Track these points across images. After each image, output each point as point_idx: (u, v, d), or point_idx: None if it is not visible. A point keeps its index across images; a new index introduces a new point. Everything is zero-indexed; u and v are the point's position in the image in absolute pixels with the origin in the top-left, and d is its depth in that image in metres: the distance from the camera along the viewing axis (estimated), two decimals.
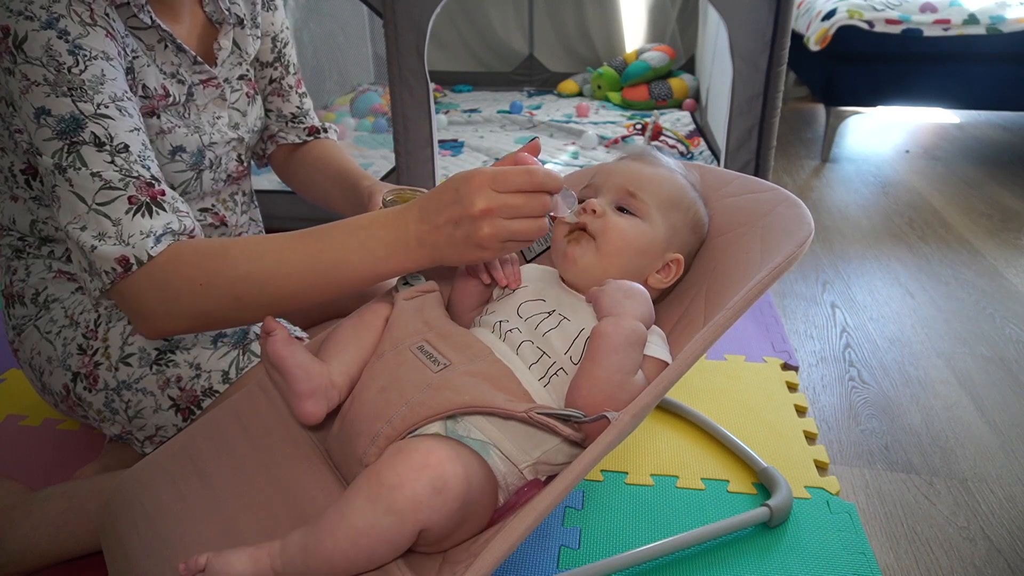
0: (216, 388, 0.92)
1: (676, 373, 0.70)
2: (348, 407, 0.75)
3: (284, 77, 1.13)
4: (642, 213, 0.82)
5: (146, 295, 0.76)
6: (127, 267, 0.75)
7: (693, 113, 3.10)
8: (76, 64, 0.77)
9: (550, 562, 0.93)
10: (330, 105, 3.17)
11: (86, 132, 0.76)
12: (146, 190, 0.77)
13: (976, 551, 0.96)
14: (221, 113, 1.01)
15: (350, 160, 1.15)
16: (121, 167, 0.77)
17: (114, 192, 0.76)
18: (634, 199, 0.83)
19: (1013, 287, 1.71)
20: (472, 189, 0.67)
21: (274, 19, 1.10)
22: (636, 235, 0.82)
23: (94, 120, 0.77)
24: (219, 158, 1.01)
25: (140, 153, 0.79)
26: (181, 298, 0.76)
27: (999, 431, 1.20)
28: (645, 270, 0.83)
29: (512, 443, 0.72)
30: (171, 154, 0.93)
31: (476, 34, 3.81)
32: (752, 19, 1.69)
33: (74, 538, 0.90)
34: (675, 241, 0.84)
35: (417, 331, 0.80)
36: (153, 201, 0.77)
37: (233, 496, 0.78)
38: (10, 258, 1.01)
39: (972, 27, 2.42)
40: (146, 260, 0.75)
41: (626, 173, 0.85)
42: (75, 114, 0.76)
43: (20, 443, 1.19)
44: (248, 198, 1.15)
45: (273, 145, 1.18)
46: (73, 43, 0.77)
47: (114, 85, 0.79)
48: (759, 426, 1.19)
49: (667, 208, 0.83)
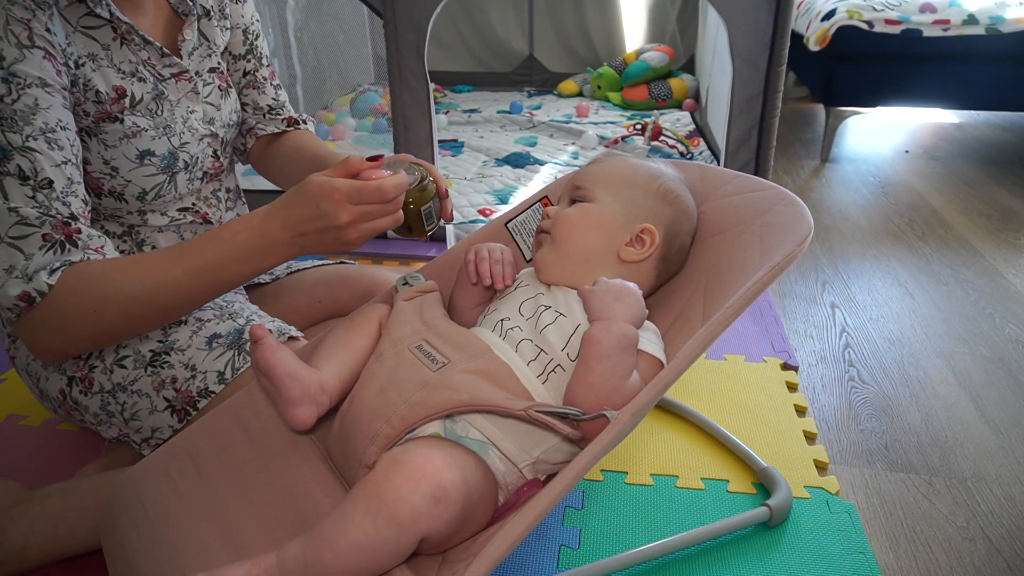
0: (212, 389, 0.92)
1: (675, 372, 0.70)
2: (347, 407, 0.75)
3: (258, 69, 1.11)
4: (588, 198, 0.86)
5: (45, 327, 0.79)
6: (30, 301, 0.77)
7: (693, 113, 3.10)
8: (9, 93, 0.76)
9: (550, 562, 0.93)
10: (330, 105, 3.17)
11: (11, 164, 0.76)
12: (62, 228, 0.79)
13: (975, 551, 0.96)
14: (195, 108, 0.99)
15: (324, 147, 1.14)
16: (41, 203, 0.77)
17: (29, 228, 0.77)
18: (579, 189, 0.87)
19: (1012, 287, 1.71)
20: (333, 204, 0.76)
21: (243, 11, 1.07)
22: (582, 217, 0.85)
23: (21, 152, 0.77)
24: (194, 157, 0.98)
25: (63, 188, 0.79)
26: (76, 324, 0.79)
27: (999, 431, 1.20)
28: (610, 245, 0.84)
29: (511, 442, 0.72)
30: (139, 158, 0.91)
31: (476, 34, 3.81)
32: (752, 19, 1.69)
33: (73, 536, 0.90)
34: (636, 213, 0.85)
35: (416, 331, 0.80)
36: (68, 239, 0.79)
37: (233, 496, 0.78)
38: None
39: (971, 27, 2.42)
40: (46, 291, 0.77)
41: (577, 173, 0.90)
42: (2, 144, 0.76)
43: (20, 443, 1.19)
44: (233, 195, 1.12)
45: (252, 139, 1.15)
46: (8, 70, 0.76)
47: (47, 114, 0.79)
48: (759, 426, 1.19)
49: (616, 187, 0.86)
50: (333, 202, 0.75)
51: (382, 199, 0.77)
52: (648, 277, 0.85)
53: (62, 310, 0.78)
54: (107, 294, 0.79)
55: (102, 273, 0.79)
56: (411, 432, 0.71)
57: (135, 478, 0.81)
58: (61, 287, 0.77)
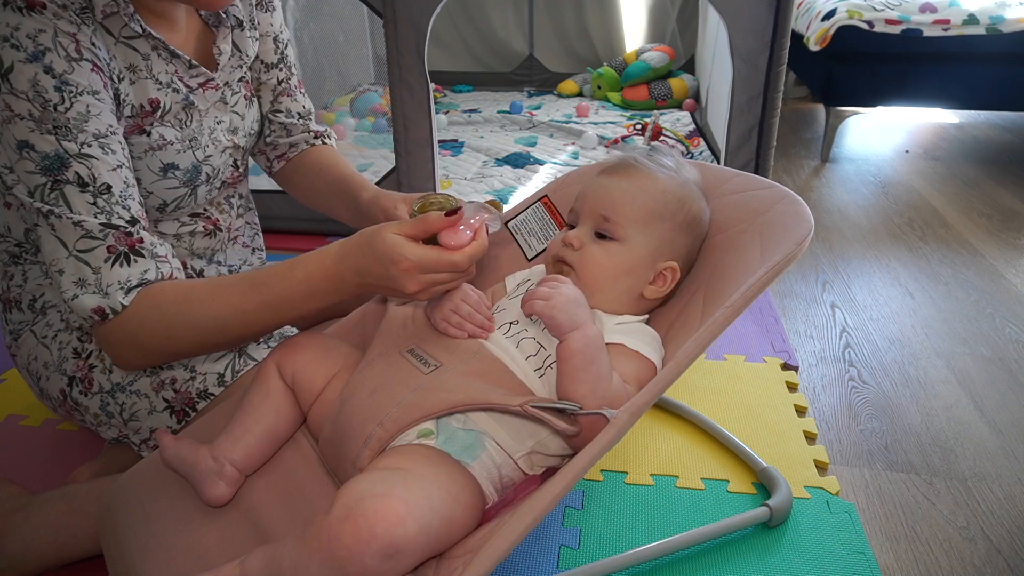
0: (211, 391, 0.92)
1: (675, 372, 0.70)
2: (338, 412, 0.75)
3: (290, 77, 1.13)
4: (619, 236, 0.82)
5: (120, 342, 0.81)
6: (104, 316, 0.79)
7: (693, 113, 3.10)
8: (62, 101, 0.76)
9: (550, 562, 0.93)
10: (330, 105, 3.17)
11: (70, 171, 0.77)
12: (124, 240, 0.80)
13: (976, 551, 0.96)
14: (222, 117, 1.00)
15: (349, 166, 1.15)
16: (103, 209, 0.79)
17: (94, 242, 0.79)
18: (608, 223, 0.82)
19: (1013, 287, 1.70)
20: (401, 274, 0.73)
21: (272, 20, 1.09)
22: (613, 262, 0.81)
23: (78, 160, 0.77)
24: (216, 170, 1.00)
25: (122, 193, 0.80)
26: (150, 345, 0.82)
27: (999, 431, 1.20)
28: (635, 288, 0.82)
29: (507, 432, 0.72)
30: (162, 171, 0.92)
31: (476, 34, 3.81)
32: (752, 19, 1.69)
33: (74, 541, 0.90)
34: (664, 250, 0.83)
35: (408, 335, 0.81)
36: (132, 250, 0.80)
37: (232, 501, 0.78)
38: (7, 263, 1.00)
39: (972, 27, 2.42)
40: (120, 310, 0.79)
41: (601, 195, 0.84)
42: (59, 152, 0.77)
43: (20, 443, 1.19)
44: (244, 201, 1.14)
45: (283, 162, 1.17)
46: (60, 79, 0.76)
47: (98, 121, 0.79)
48: (759, 426, 1.19)
49: (647, 222, 0.82)
50: (402, 271, 0.72)
51: (452, 270, 0.74)
52: (655, 303, 0.86)
53: (135, 331, 0.80)
54: (180, 322, 0.80)
55: (177, 301, 0.81)
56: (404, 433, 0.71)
57: (134, 481, 0.81)
58: (136, 309, 0.80)
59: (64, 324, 0.96)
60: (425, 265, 0.72)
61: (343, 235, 0.80)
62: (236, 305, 0.80)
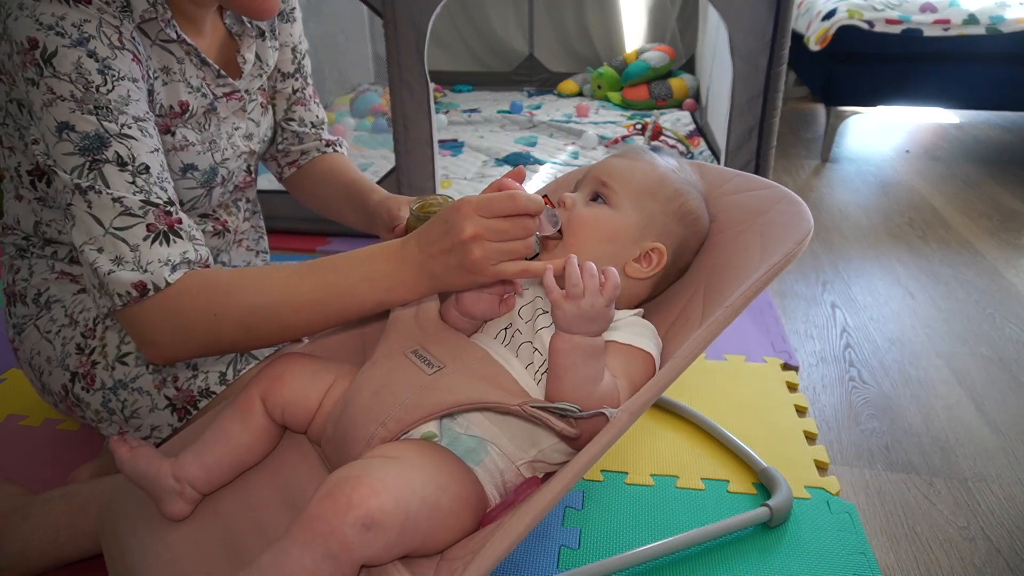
0: (213, 389, 0.92)
1: (675, 371, 0.70)
2: (342, 411, 0.75)
3: (305, 88, 1.15)
4: (612, 201, 0.84)
5: (159, 323, 0.77)
6: (144, 292, 0.75)
7: (693, 113, 3.10)
8: (104, 83, 0.77)
9: (550, 562, 0.93)
10: (330, 105, 3.17)
11: (109, 151, 0.76)
12: (164, 218, 0.78)
13: (976, 551, 0.96)
14: (240, 124, 1.02)
15: (358, 171, 1.17)
16: (141, 188, 0.77)
17: (133, 219, 0.76)
18: (605, 187, 0.85)
19: (1013, 287, 1.70)
20: (460, 217, 0.69)
21: (292, 30, 1.10)
22: (599, 224, 0.83)
23: (118, 139, 0.77)
24: (231, 172, 1.02)
25: (159, 175, 0.80)
26: (193, 327, 0.77)
27: (999, 431, 1.20)
28: (618, 257, 0.82)
29: (510, 440, 0.72)
30: (182, 171, 0.93)
31: (476, 34, 3.81)
32: (752, 19, 1.69)
33: (74, 541, 0.90)
34: (651, 230, 0.83)
35: (412, 337, 0.81)
36: (171, 230, 0.78)
37: (233, 499, 0.78)
38: (13, 257, 1.01)
39: (972, 27, 2.42)
40: (163, 287, 0.75)
41: (605, 166, 0.87)
42: (100, 132, 0.76)
43: (20, 443, 1.19)
44: (252, 205, 1.16)
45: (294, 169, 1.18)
46: (103, 63, 0.77)
47: (137, 106, 0.80)
48: (759, 426, 1.19)
49: (640, 196, 0.84)
50: (461, 214, 0.69)
51: (513, 209, 0.69)
52: (642, 291, 0.85)
53: (180, 309, 0.76)
54: (229, 302, 0.76)
55: (227, 282, 0.78)
56: (407, 433, 0.71)
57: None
58: (182, 287, 0.76)
59: (68, 319, 0.96)
60: (483, 204, 0.69)
61: (344, 235, 0.80)
62: (288, 286, 0.76)
